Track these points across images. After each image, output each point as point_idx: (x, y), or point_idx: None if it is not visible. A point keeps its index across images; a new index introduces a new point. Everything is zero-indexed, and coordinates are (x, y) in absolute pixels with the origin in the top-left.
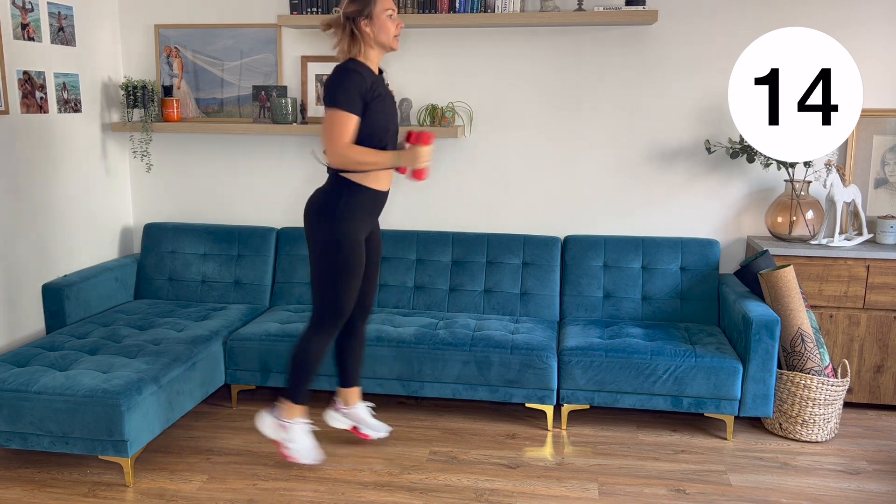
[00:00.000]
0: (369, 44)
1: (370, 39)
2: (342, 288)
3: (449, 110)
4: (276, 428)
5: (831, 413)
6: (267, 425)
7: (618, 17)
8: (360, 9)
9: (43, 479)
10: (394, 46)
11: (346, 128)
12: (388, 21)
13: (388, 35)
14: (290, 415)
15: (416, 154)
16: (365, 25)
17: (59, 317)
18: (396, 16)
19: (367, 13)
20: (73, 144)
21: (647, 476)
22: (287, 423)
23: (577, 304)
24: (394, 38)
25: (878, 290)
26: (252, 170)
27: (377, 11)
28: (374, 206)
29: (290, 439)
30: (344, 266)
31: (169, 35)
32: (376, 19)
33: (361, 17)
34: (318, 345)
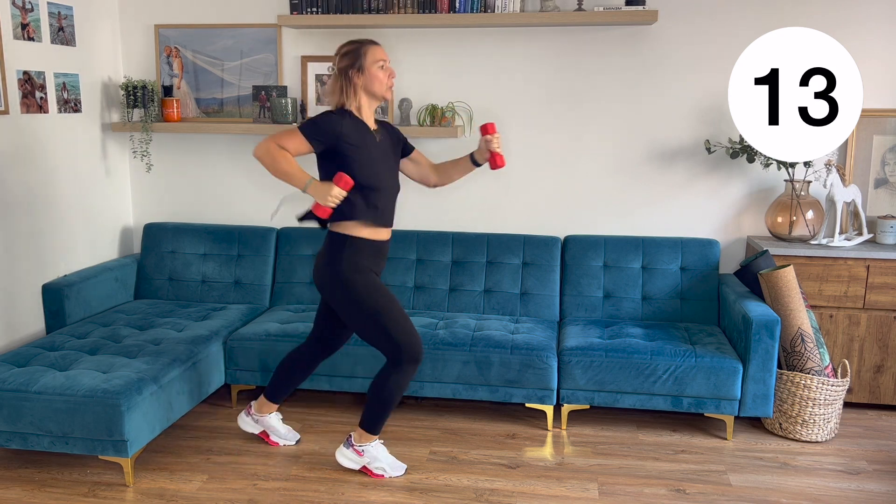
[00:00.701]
0: (361, 94)
1: (361, 90)
2: (392, 325)
3: (449, 110)
4: (355, 456)
5: (831, 413)
6: (347, 458)
7: (618, 17)
8: (351, 62)
9: (43, 479)
10: (386, 96)
11: (291, 141)
12: (379, 72)
13: (381, 85)
14: (367, 440)
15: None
16: (356, 77)
17: (59, 317)
18: (388, 66)
19: (357, 66)
20: (73, 144)
21: (647, 476)
22: (365, 447)
23: (577, 304)
24: (387, 88)
25: (878, 290)
26: (252, 170)
27: (367, 63)
28: (377, 256)
29: (373, 459)
30: (377, 304)
31: (169, 35)
32: (367, 71)
33: (353, 69)
34: (402, 381)
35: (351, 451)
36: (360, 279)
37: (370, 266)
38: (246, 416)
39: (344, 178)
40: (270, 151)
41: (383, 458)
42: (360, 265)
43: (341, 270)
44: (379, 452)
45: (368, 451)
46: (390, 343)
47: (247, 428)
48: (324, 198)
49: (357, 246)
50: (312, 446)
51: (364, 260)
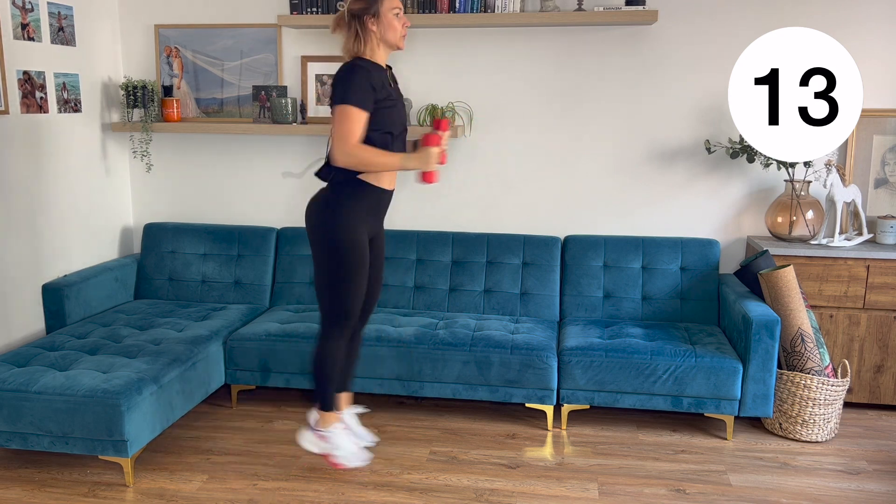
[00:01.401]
0: (375, 42)
1: (376, 38)
2: (348, 290)
3: (449, 110)
4: (317, 441)
5: (831, 413)
6: (309, 441)
7: (618, 17)
8: (366, 6)
9: (43, 479)
10: (400, 45)
11: (355, 125)
12: (394, 20)
13: (395, 33)
14: (327, 423)
15: (426, 156)
16: (371, 24)
17: (59, 317)
18: (403, 15)
19: (373, 11)
20: (73, 144)
21: (647, 476)
22: (326, 433)
23: (577, 304)
24: (400, 37)
25: (878, 290)
26: (252, 170)
27: (384, 10)
28: (378, 205)
29: (335, 447)
30: (348, 268)
31: (169, 35)
32: (383, 17)
33: (367, 14)
34: (333, 349)
35: (315, 436)
36: (350, 241)
37: (367, 215)
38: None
39: (431, 137)
40: (354, 157)
41: (346, 445)
42: (359, 219)
43: (337, 217)
44: (342, 440)
45: (332, 437)
46: (340, 309)
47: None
48: (427, 163)
49: (361, 191)
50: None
51: (363, 207)
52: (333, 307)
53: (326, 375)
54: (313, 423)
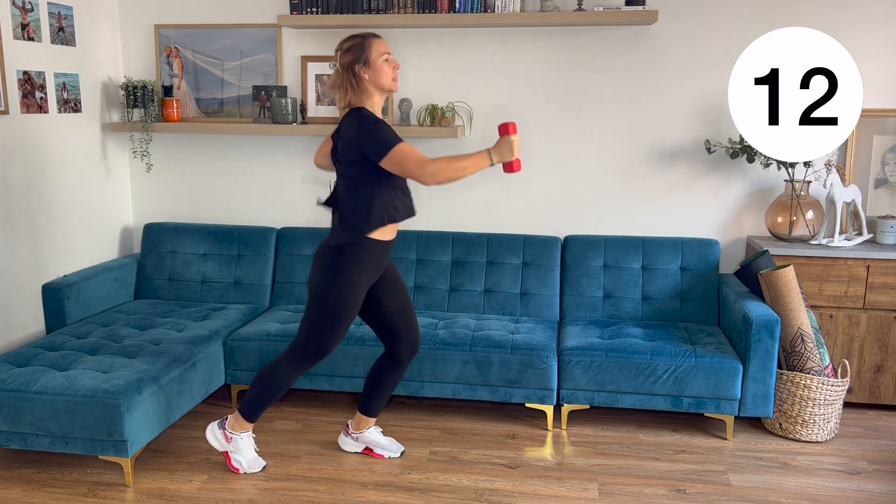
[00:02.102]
0: (370, 90)
1: (370, 85)
2: (333, 332)
3: (449, 110)
4: (223, 439)
5: (831, 413)
6: (214, 435)
7: (618, 17)
8: (356, 57)
9: (43, 479)
10: (393, 88)
11: (414, 152)
12: (384, 65)
13: (387, 78)
14: (240, 428)
15: (509, 145)
16: (363, 72)
17: (59, 317)
18: (392, 58)
19: (363, 60)
20: (73, 144)
21: (647, 476)
22: (234, 435)
23: (577, 304)
24: (392, 80)
25: (878, 290)
26: (252, 170)
27: (373, 57)
28: (381, 256)
29: (237, 450)
30: (340, 313)
31: (169, 35)
32: (373, 65)
33: (358, 64)
34: (290, 375)
35: (221, 433)
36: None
37: (372, 266)
38: (345, 436)
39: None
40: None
41: (246, 452)
42: (362, 266)
43: (341, 277)
44: (244, 445)
45: (236, 440)
46: (318, 346)
47: (349, 448)
48: (510, 153)
49: (368, 250)
50: (312, 446)
51: (369, 260)
52: (313, 342)
53: (271, 393)
54: (228, 422)
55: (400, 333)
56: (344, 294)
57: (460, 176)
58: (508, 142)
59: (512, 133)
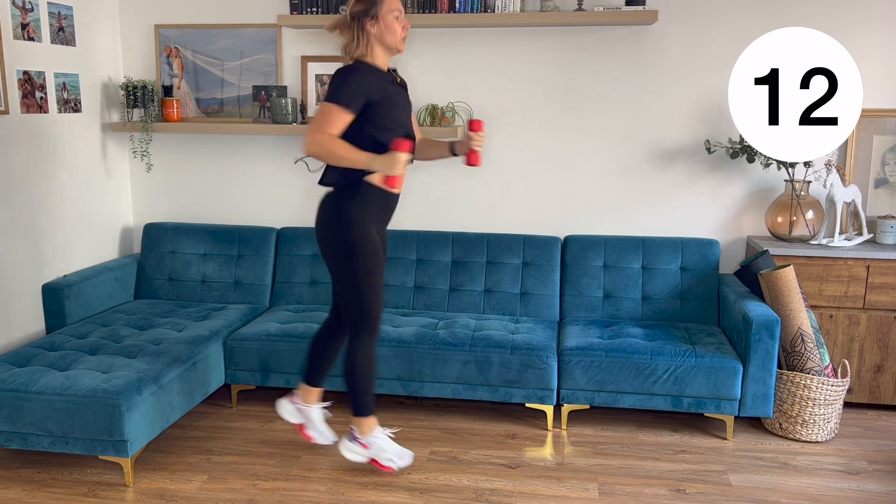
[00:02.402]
0: (374, 45)
1: (375, 40)
2: (368, 290)
3: (449, 110)
4: (362, 450)
5: (831, 413)
6: (351, 451)
7: (618, 17)
8: (366, 8)
9: (43, 479)
10: (400, 48)
11: (333, 121)
12: (394, 22)
13: (395, 36)
14: (369, 430)
15: (395, 161)
16: (370, 26)
17: (59, 317)
18: (403, 17)
19: (372, 13)
20: (73, 144)
21: (647, 476)
22: (369, 440)
23: (577, 304)
24: (400, 39)
25: (878, 290)
26: (252, 170)
27: (383, 12)
28: (385, 206)
29: (381, 449)
30: (365, 265)
31: (169, 35)
32: (382, 20)
33: (367, 17)
34: (366, 353)
35: (357, 445)
36: (361, 238)
37: (376, 218)
38: (290, 403)
39: (402, 143)
40: (320, 143)
41: (389, 447)
42: (366, 217)
43: (347, 223)
44: (384, 442)
45: (373, 441)
46: (365, 311)
47: (288, 417)
48: (392, 169)
49: (369, 194)
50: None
51: (372, 211)
52: (358, 309)
53: (364, 379)
54: (356, 433)
55: None
56: (360, 244)
57: (330, 161)
58: (393, 157)
59: (402, 150)
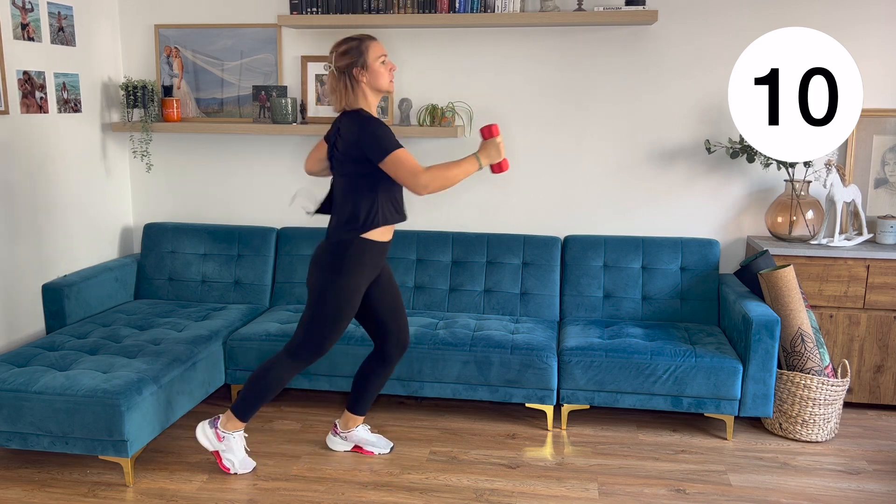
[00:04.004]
0: (367, 91)
1: (367, 87)
2: (332, 332)
3: (449, 110)
4: (214, 438)
5: (831, 413)
6: (205, 434)
7: (618, 17)
8: (353, 60)
9: (43, 479)
10: (390, 90)
11: (410, 160)
12: (381, 67)
13: (385, 80)
14: (232, 427)
15: (495, 147)
16: (360, 75)
17: (59, 317)
18: (388, 60)
19: (360, 63)
20: (73, 144)
21: (647, 476)
22: (227, 435)
23: (577, 304)
24: (389, 81)
25: (878, 290)
26: (252, 170)
27: (370, 60)
28: (380, 257)
29: (229, 449)
30: (339, 314)
31: (169, 35)
32: (370, 67)
33: (356, 67)
34: (286, 374)
35: (212, 432)
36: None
37: (370, 268)
38: (333, 435)
39: (491, 128)
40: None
41: (238, 452)
42: (361, 269)
43: (340, 272)
44: (236, 445)
45: (228, 440)
46: (316, 345)
47: (337, 447)
48: (497, 155)
49: (365, 250)
50: (312, 446)
51: (367, 263)
52: (312, 341)
53: (266, 391)
54: (220, 421)
55: (391, 331)
56: (344, 295)
57: (452, 184)
58: (494, 144)
59: (496, 135)
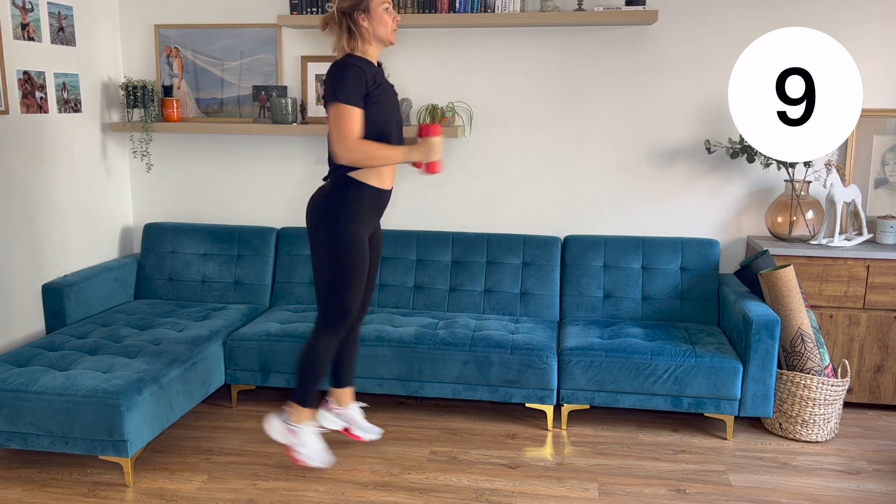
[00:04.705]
0: (367, 38)
1: (367, 34)
2: (347, 289)
3: (449, 110)
4: (285, 432)
5: (831, 413)
6: (275, 429)
7: (618, 17)
8: (356, 3)
9: (43, 479)
10: (391, 40)
11: (352, 122)
12: (384, 14)
13: (386, 28)
14: (300, 419)
15: (429, 146)
16: (361, 20)
17: (59, 317)
18: (392, 9)
19: (363, 7)
20: (73, 144)
21: (647, 476)
22: (296, 427)
23: (577, 304)
24: (391, 31)
25: (878, 290)
26: (252, 170)
27: (374, 5)
28: (379, 204)
29: (301, 443)
30: (349, 267)
31: (169, 35)
32: (373, 13)
33: (358, 11)
34: (326, 347)
35: (282, 425)
36: (352, 241)
37: (368, 215)
38: (326, 411)
39: (430, 128)
40: (356, 150)
41: (311, 445)
42: (359, 214)
43: (339, 217)
44: (309, 439)
45: (302, 433)
46: (338, 307)
47: (328, 425)
48: (431, 154)
49: (362, 193)
50: None
51: (365, 208)
52: (332, 305)
53: (315, 371)
54: (286, 415)
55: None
56: (350, 245)
57: (372, 164)
58: (430, 143)
59: (433, 135)
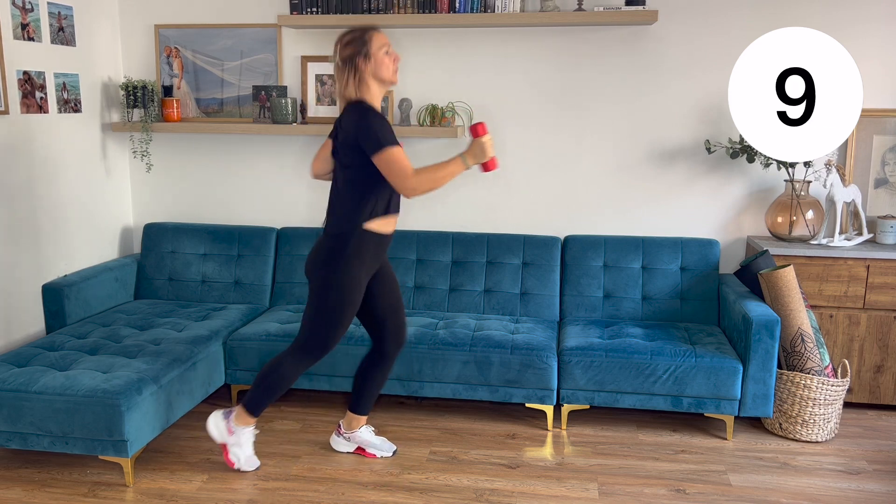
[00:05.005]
0: (370, 81)
1: (370, 77)
2: (335, 326)
3: (449, 110)
4: (225, 431)
5: (831, 413)
6: (216, 425)
7: (618, 17)
8: (356, 50)
9: (43, 479)
10: (393, 80)
11: (403, 161)
12: (385, 57)
13: (388, 71)
14: (244, 423)
15: (481, 146)
16: (363, 65)
17: (59, 317)
18: (392, 50)
19: (363, 53)
20: (73, 144)
21: (647, 476)
22: (237, 429)
23: (577, 304)
24: (393, 72)
25: (878, 290)
26: (252, 170)
27: (374, 49)
28: (380, 249)
29: (237, 444)
30: (341, 308)
31: (169, 35)
32: (374, 57)
33: (359, 57)
34: (292, 371)
35: (224, 424)
36: (350, 287)
37: (370, 260)
38: (337, 436)
39: (478, 127)
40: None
41: (245, 447)
42: (361, 265)
43: (341, 271)
44: (245, 441)
45: (238, 434)
46: (321, 341)
47: (340, 448)
48: (483, 155)
49: (365, 239)
50: (313, 446)
51: (367, 253)
52: (316, 338)
53: (275, 389)
54: (231, 414)
55: (389, 328)
56: (346, 288)
57: (439, 186)
58: (480, 144)
59: (482, 134)
